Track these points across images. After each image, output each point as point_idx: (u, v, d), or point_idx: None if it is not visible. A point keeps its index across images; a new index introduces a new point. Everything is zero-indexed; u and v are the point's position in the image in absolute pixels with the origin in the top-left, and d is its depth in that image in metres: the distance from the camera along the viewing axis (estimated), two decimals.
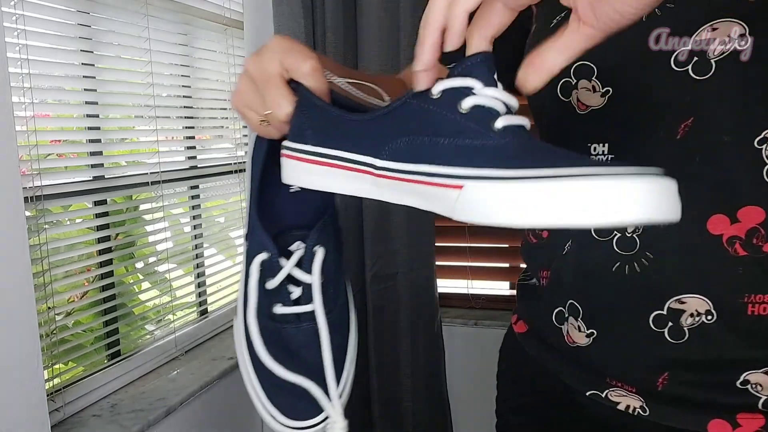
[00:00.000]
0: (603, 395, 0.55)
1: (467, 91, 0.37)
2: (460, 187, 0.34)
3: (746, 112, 0.45)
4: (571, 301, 0.57)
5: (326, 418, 0.46)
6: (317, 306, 0.46)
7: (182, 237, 1.49)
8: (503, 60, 0.67)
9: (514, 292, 1.74)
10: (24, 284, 0.91)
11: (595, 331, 0.55)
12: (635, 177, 0.29)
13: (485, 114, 0.36)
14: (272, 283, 0.47)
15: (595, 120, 0.52)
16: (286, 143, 0.45)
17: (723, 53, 0.44)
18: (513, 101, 0.38)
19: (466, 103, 0.37)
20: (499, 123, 0.36)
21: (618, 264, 0.52)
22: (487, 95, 0.37)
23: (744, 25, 0.43)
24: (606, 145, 0.51)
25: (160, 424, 1.19)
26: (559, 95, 0.54)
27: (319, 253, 0.47)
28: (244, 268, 0.50)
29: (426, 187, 0.36)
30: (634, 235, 0.51)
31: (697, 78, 0.45)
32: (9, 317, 0.89)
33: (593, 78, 0.51)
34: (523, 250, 0.69)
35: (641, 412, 0.52)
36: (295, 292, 0.48)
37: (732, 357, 0.48)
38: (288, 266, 0.47)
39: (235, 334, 0.50)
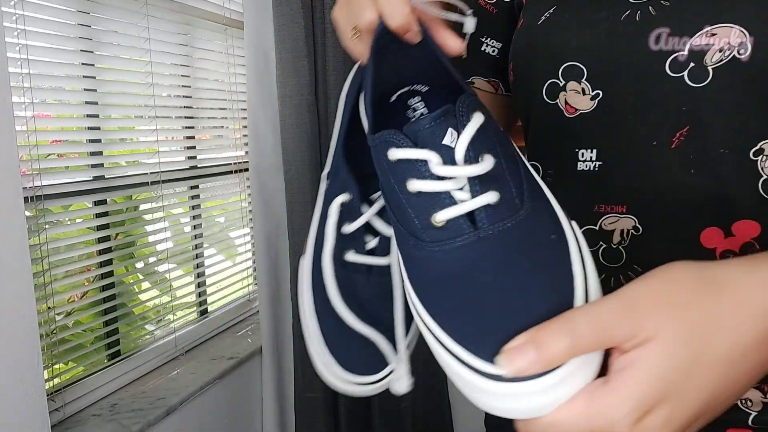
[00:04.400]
0: None
1: (418, 170, 0.33)
2: None
3: (742, 122, 0.43)
4: None
5: (388, 374, 0.42)
6: (394, 261, 0.41)
7: (182, 237, 1.49)
8: (489, 51, 0.65)
9: None
10: (24, 284, 0.91)
11: None
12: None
13: (430, 204, 0.33)
14: (349, 228, 0.43)
15: (584, 125, 0.49)
16: None
17: (721, 60, 0.43)
18: (474, 170, 0.32)
19: (412, 186, 0.33)
20: (441, 215, 0.32)
21: (603, 276, 0.49)
22: (441, 175, 0.32)
23: (743, 30, 0.42)
24: (594, 151, 0.49)
25: (160, 423, 1.19)
26: (545, 97, 0.52)
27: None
28: (320, 208, 0.46)
29: None
30: (620, 247, 0.49)
31: (693, 85, 0.44)
32: (9, 317, 0.89)
33: (583, 80, 0.49)
34: None
35: None
36: (371, 242, 0.44)
37: None
38: (368, 213, 0.43)
39: (300, 277, 0.46)
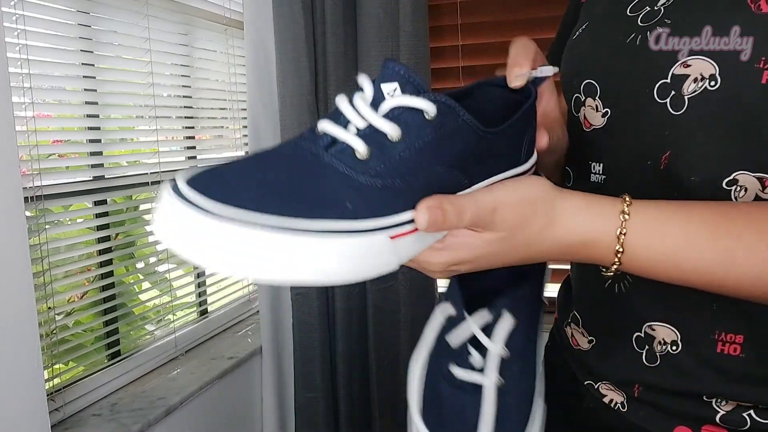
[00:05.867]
0: (596, 386, 0.57)
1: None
2: None
3: (715, 152, 0.45)
4: (574, 311, 0.60)
5: None
6: (488, 381, 0.43)
7: None
8: (558, 53, 0.68)
9: None
10: (24, 284, 0.91)
11: (594, 339, 0.57)
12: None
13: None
14: (453, 339, 0.45)
15: (596, 139, 0.53)
16: None
17: (695, 91, 0.45)
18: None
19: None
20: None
21: (609, 282, 0.53)
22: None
23: (714, 63, 0.43)
24: (601, 165, 0.52)
25: (160, 423, 1.19)
26: (573, 110, 0.56)
27: (506, 322, 0.44)
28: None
29: None
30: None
31: (673, 113, 0.46)
32: (9, 317, 0.89)
33: (597, 97, 0.52)
34: None
35: (621, 408, 0.54)
36: (475, 357, 0.45)
37: (699, 389, 0.49)
38: (470, 325, 0.45)
39: (411, 376, 0.48)
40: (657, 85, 0.46)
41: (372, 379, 1.60)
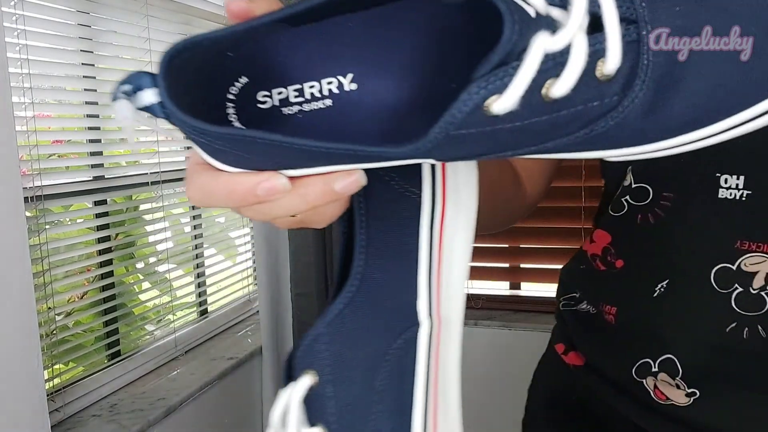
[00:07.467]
0: None
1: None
2: None
3: None
4: (667, 355, 0.47)
5: None
6: None
7: (182, 237, 1.49)
8: None
9: (514, 292, 1.75)
10: (24, 284, 0.91)
11: (698, 392, 0.46)
12: None
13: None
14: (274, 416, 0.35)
15: (728, 147, 0.44)
16: None
17: None
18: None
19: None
20: (611, 65, 0.22)
21: (735, 325, 0.43)
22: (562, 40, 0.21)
23: None
24: (742, 178, 0.42)
25: (160, 424, 1.19)
26: None
27: (300, 385, 0.33)
28: None
29: None
30: (762, 293, 0.42)
31: None
32: (9, 317, 0.89)
33: None
34: (572, 273, 0.57)
35: None
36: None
37: None
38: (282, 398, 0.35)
39: None
40: None
41: None
